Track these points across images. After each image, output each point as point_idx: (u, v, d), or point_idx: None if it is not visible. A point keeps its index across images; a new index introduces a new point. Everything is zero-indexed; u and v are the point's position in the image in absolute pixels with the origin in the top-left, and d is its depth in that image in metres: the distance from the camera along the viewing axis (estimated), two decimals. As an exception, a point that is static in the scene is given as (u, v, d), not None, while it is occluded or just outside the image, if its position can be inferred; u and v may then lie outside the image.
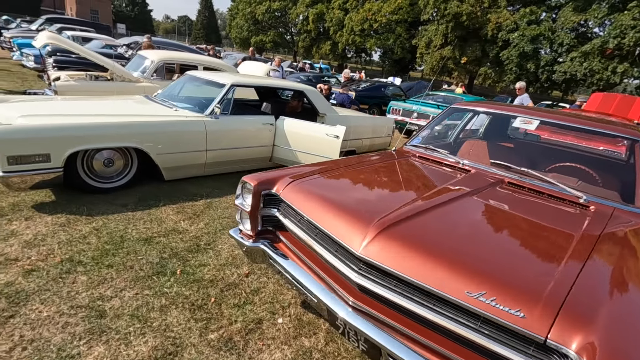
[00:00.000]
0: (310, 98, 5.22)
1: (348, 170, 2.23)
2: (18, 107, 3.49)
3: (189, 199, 3.73)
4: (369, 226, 1.47)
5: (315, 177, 2.02)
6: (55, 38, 5.86)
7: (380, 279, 1.39)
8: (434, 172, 2.37)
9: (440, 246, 1.42)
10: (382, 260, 1.36)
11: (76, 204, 3.27)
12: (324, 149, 4.43)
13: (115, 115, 3.62)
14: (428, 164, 2.54)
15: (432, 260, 1.33)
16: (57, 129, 3.13)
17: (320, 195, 1.82)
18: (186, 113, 4.07)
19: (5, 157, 2.89)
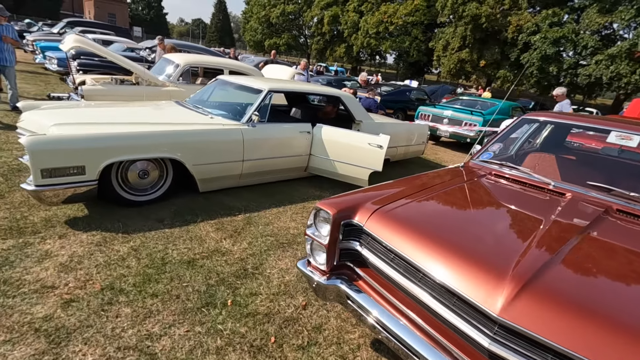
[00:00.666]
0: (347, 104, 4.94)
1: (431, 193, 1.94)
2: (49, 115, 3.29)
3: (226, 213, 3.47)
4: (504, 279, 1.17)
5: (401, 204, 1.73)
6: (83, 41, 5.71)
7: (526, 348, 1.10)
8: (528, 198, 2.05)
9: (606, 308, 1.12)
10: (531, 326, 1.07)
11: (110, 219, 3.05)
12: (366, 159, 4.14)
13: (151, 124, 3.40)
14: (513, 186, 2.23)
15: (604, 329, 1.03)
16: (92, 140, 2.91)
17: (417, 229, 1.53)
18: (222, 121, 3.83)
19: (39, 170, 2.68)
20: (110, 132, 3.03)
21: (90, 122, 3.21)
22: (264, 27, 45.82)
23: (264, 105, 4.06)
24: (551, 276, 1.21)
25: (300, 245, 3.08)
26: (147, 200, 3.40)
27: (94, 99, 5.51)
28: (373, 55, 41.89)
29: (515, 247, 1.38)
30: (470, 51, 28.24)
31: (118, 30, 17.09)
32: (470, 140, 7.53)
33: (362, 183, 4.29)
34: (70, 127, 3.03)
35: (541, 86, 26.49)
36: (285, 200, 4.02)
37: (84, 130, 3.01)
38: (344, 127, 4.55)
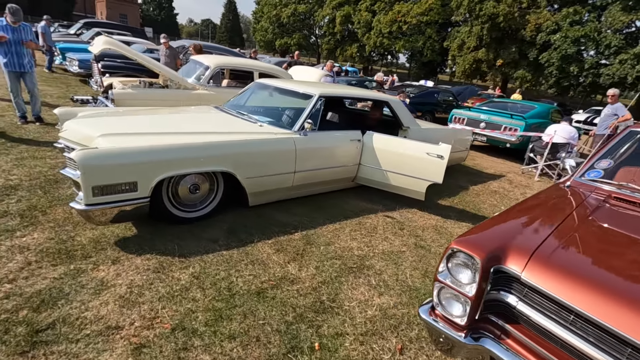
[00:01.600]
0: (395, 109, 4.62)
1: (571, 228, 1.61)
2: (93, 125, 3.03)
3: (281, 231, 3.19)
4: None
5: (555, 245, 1.41)
6: (113, 43, 5.48)
7: None
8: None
9: None
10: None
11: (162, 239, 2.78)
12: (424, 171, 3.82)
13: (201, 134, 3.12)
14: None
15: None
16: (146, 153, 2.64)
17: (593, 280, 1.22)
18: (273, 129, 3.54)
19: (91, 187, 2.42)
20: (164, 145, 2.75)
21: (137, 133, 2.94)
22: (274, 27, 45.64)
23: (315, 112, 3.77)
24: None
25: (370, 270, 2.78)
26: (196, 217, 3.13)
27: (124, 103, 5.28)
28: (385, 55, 41.47)
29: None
30: (487, 51, 27.67)
31: (135, 31, 16.97)
32: (511, 145, 7.15)
33: (418, 196, 3.98)
34: (119, 139, 2.77)
35: (560, 86, 25.85)
36: (338, 214, 3.72)
37: (134, 142, 2.74)
38: (389, 134, 4.23)
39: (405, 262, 2.96)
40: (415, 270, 2.85)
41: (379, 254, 3.04)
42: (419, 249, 3.21)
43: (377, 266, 2.83)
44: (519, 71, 27.44)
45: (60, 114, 3.61)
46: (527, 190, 5.55)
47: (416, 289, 2.61)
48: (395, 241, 3.31)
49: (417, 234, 3.52)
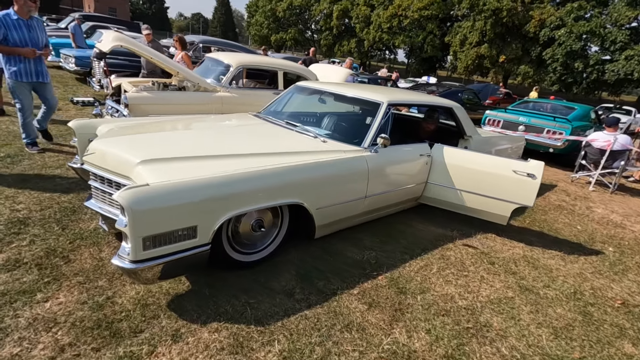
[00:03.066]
0: (458, 116, 4.04)
1: None
2: (127, 146, 2.38)
3: (361, 273, 2.59)
4: None
5: None
6: (125, 40, 4.78)
7: None
8: None
9: None
10: None
11: (225, 294, 2.16)
12: (510, 192, 3.25)
13: (261, 155, 2.49)
14: None
15: None
16: (209, 187, 2.01)
17: None
18: (340, 146, 2.93)
19: (141, 239, 1.79)
20: (229, 175, 2.12)
21: (185, 156, 2.30)
22: (270, 22, 44.62)
23: (384, 124, 3.16)
24: None
25: (491, 331, 2.20)
26: (258, 260, 2.51)
27: (139, 109, 4.62)
28: (383, 50, 40.85)
29: None
30: (490, 46, 27.25)
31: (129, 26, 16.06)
32: (555, 150, 6.64)
33: (500, 220, 3.42)
34: (166, 167, 2.14)
35: (564, 83, 25.58)
36: (413, 245, 3.14)
37: (186, 170, 2.11)
38: (448, 144, 3.66)
39: (523, 315, 2.39)
40: (541, 327, 2.29)
41: (487, 303, 2.46)
42: (526, 293, 2.65)
43: (494, 324, 2.26)
44: (522, 67, 27.11)
45: (76, 128, 2.95)
46: (589, 204, 5.04)
47: (559, 357, 2.05)
48: (494, 282, 2.74)
49: (512, 270, 2.96)
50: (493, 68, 28.29)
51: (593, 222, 4.34)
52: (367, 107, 3.31)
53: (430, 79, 25.99)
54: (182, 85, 5.53)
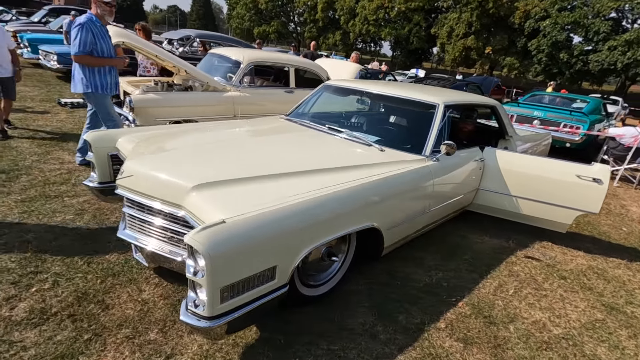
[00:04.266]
0: (501, 115, 3.78)
1: None
2: (170, 167, 1.99)
3: (438, 300, 2.31)
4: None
5: None
6: (128, 36, 4.28)
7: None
8: None
9: None
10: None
11: (301, 343, 1.83)
12: (574, 198, 3.02)
13: (324, 172, 2.14)
14: None
15: None
16: (288, 218, 1.66)
17: None
18: (400, 155, 2.60)
19: (219, 290, 1.43)
20: (304, 200, 1.76)
21: (241, 177, 1.92)
22: (251, 14, 43.50)
23: (442, 128, 2.86)
24: None
25: (601, 364, 1.96)
26: (325, 292, 2.18)
27: (146, 112, 4.19)
28: (368, 43, 40.55)
29: None
30: (476, 38, 27.36)
31: (110, 19, 15.10)
32: (572, 145, 6.52)
33: (559, 228, 3.19)
34: (225, 193, 1.77)
35: (549, 73, 25.99)
36: (477, 261, 2.87)
37: (250, 196, 1.75)
38: (487, 145, 3.41)
39: (624, 341, 2.16)
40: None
41: (582, 329, 2.22)
42: (614, 313, 2.42)
43: (602, 356, 2.01)
44: (508, 58, 27.37)
45: (93, 141, 2.52)
46: (621, 202, 4.91)
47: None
48: (577, 302, 2.50)
49: (587, 285, 2.73)
50: (480, 59, 28.46)
51: (634, 222, 4.20)
52: (419, 109, 2.99)
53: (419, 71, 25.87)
54: (189, 85, 5.07)
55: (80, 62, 3.27)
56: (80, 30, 3.14)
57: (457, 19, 27.76)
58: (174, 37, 7.87)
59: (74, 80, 3.41)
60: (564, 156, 7.13)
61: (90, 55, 3.26)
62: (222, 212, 1.58)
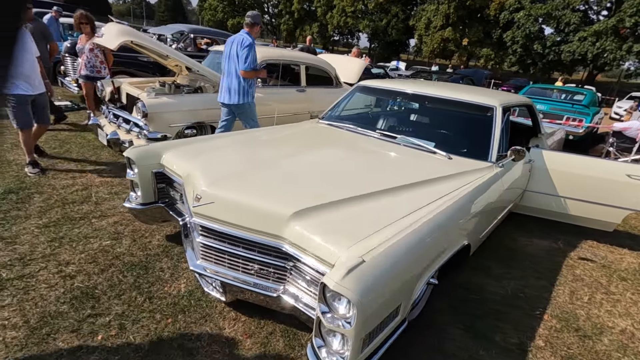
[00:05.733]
0: (535, 113, 3.75)
1: None
2: (259, 190, 1.77)
3: (524, 314, 2.22)
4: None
5: None
6: (134, 34, 3.93)
7: None
8: None
9: None
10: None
11: (414, 376, 1.68)
12: (625, 197, 3.01)
13: (409, 187, 1.98)
14: None
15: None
16: (414, 248, 1.49)
17: None
18: (468, 163, 2.47)
19: (361, 339, 1.26)
20: (420, 226, 1.60)
21: (337, 200, 1.73)
22: (224, 5, 42.16)
23: (502, 133, 2.76)
24: None
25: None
26: (418, 315, 2.04)
27: (160, 118, 3.88)
28: (345, 35, 40.31)
29: None
30: (453, 30, 27.76)
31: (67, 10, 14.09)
32: (575, 138, 6.67)
33: (607, 227, 3.20)
34: (329, 220, 1.59)
35: (523, 64, 26.82)
36: (539, 266, 2.82)
37: (356, 222, 1.58)
38: (518, 143, 3.38)
39: None
40: None
41: (667, 335, 2.20)
42: (686, 314, 2.43)
43: (699, 363, 2.00)
44: (484, 49, 27.98)
45: (136, 158, 2.26)
46: (634, 193, 5.05)
47: None
48: (648, 304, 2.50)
49: (647, 285, 2.75)
50: (457, 51, 28.92)
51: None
52: (475, 112, 2.87)
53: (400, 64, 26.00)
54: (198, 86, 4.74)
55: (247, 77, 3.64)
56: (251, 49, 3.54)
57: (435, 11, 28.03)
58: (166, 33, 7.38)
59: (231, 93, 3.71)
60: (565, 149, 7.24)
61: (253, 70, 3.59)
62: (339, 245, 1.41)
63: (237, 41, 3.60)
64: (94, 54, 4.67)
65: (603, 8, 23.97)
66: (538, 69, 26.92)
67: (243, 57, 3.52)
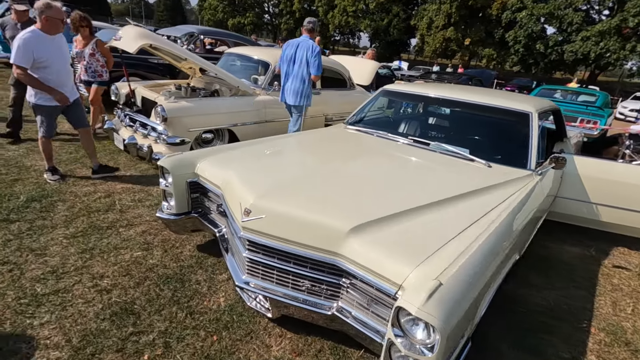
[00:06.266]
0: (562, 118, 3.70)
1: None
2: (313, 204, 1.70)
3: (571, 327, 2.17)
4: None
5: None
6: (152, 37, 3.86)
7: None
8: None
9: None
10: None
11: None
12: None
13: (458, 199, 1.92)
14: None
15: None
16: (484, 266, 1.44)
17: None
18: (509, 172, 2.39)
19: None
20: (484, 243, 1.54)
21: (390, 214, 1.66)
22: (225, 5, 42.02)
23: (540, 139, 2.70)
24: None
25: None
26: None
27: (179, 122, 3.83)
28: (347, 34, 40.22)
29: None
30: (455, 29, 27.70)
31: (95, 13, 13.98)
32: (589, 140, 6.62)
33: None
34: (388, 235, 1.53)
35: (526, 64, 26.78)
36: (575, 275, 2.77)
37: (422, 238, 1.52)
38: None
39: None
40: None
41: None
42: None
43: None
44: (486, 49, 27.93)
45: (172, 168, 2.20)
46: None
47: None
48: (692, 315, 2.44)
49: (686, 294, 2.69)
50: (459, 51, 28.88)
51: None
52: (509, 118, 2.82)
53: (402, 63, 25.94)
54: (214, 89, 4.67)
55: (316, 80, 4.11)
56: (319, 55, 3.80)
57: (437, 10, 27.97)
58: (176, 34, 7.30)
59: (295, 94, 3.94)
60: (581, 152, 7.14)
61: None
62: (406, 263, 1.36)
63: (305, 47, 3.79)
64: (95, 59, 4.57)
65: (605, 8, 23.96)
66: (540, 68, 26.90)
67: (316, 63, 3.78)
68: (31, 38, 2.88)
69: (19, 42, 2.83)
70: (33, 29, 2.94)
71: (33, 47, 2.88)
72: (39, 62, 2.93)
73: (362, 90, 6.52)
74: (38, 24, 2.96)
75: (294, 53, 3.86)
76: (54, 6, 2.96)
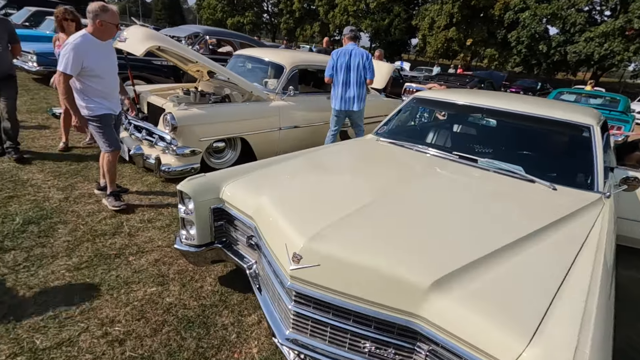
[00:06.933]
0: (607, 127, 3.40)
1: None
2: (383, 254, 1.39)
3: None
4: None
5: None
6: (161, 39, 3.54)
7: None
8: None
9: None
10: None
11: None
12: None
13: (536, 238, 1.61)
14: None
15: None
16: (604, 341, 1.14)
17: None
18: (576, 195, 2.11)
19: None
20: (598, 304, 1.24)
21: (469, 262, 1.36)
22: (224, 4, 41.60)
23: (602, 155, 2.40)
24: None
25: None
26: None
27: (190, 131, 3.54)
28: (346, 35, 39.89)
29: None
30: (457, 30, 27.44)
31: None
32: (614, 146, 6.35)
33: None
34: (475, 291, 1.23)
35: (528, 65, 26.56)
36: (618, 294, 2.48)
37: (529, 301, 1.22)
38: None
39: None
40: None
41: None
42: None
43: None
44: (488, 50, 27.69)
45: (193, 194, 1.89)
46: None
47: None
48: None
49: None
50: (461, 51, 28.63)
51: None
52: (567, 131, 2.53)
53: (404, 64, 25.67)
54: (225, 94, 4.35)
55: (370, 84, 4.23)
56: (372, 61, 4.00)
57: (439, 10, 27.68)
58: (180, 35, 6.96)
59: (354, 100, 4.06)
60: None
61: None
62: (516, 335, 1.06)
63: (358, 54, 3.96)
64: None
65: (607, 9, 23.78)
66: (542, 69, 26.70)
67: (372, 68, 4.01)
68: (83, 44, 2.50)
69: (68, 47, 2.46)
70: (84, 33, 2.56)
71: (84, 55, 2.51)
72: (87, 70, 2.56)
73: (376, 93, 6.22)
74: (90, 28, 2.57)
75: (347, 61, 3.97)
76: (110, 9, 2.60)
